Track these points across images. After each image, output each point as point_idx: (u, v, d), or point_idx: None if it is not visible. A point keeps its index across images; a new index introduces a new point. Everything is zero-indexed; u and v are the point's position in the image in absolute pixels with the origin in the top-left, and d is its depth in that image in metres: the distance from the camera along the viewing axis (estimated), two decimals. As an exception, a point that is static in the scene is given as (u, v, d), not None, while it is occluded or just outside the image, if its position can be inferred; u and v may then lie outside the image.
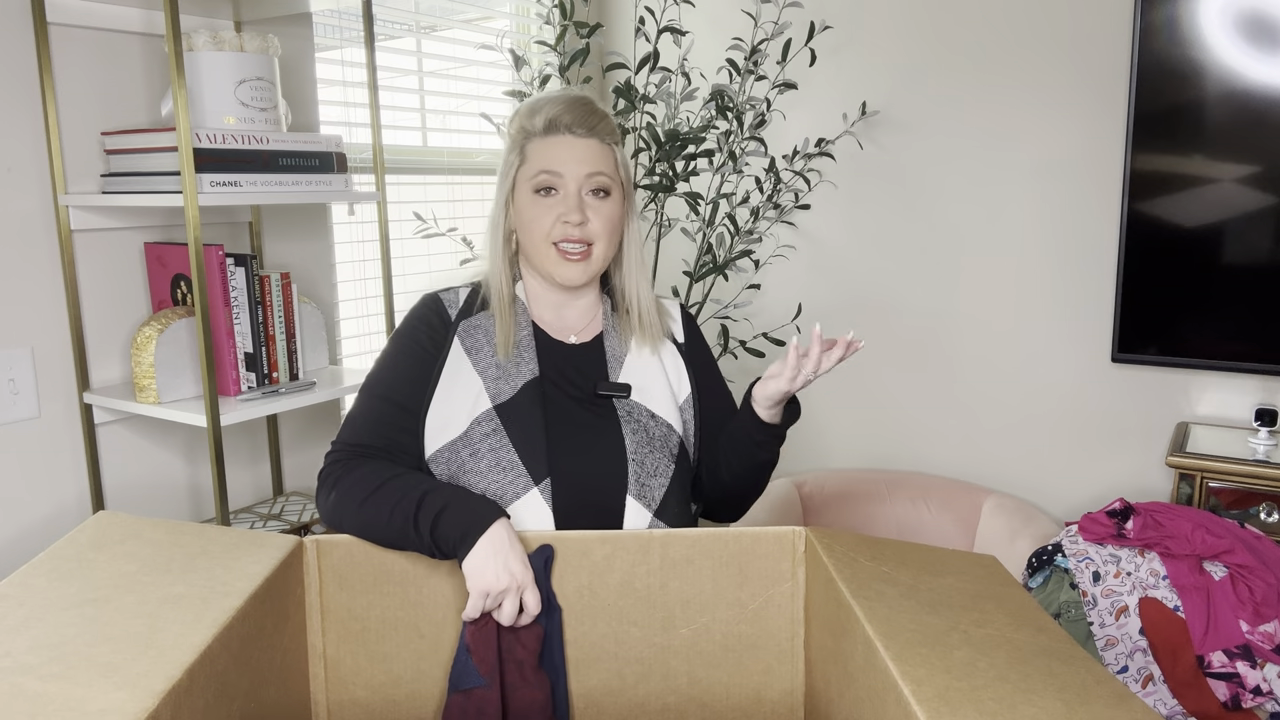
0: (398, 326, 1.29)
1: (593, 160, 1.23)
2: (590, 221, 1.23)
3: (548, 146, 1.24)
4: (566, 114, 1.23)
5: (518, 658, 1.05)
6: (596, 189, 1.24)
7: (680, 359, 1.33)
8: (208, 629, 0.83)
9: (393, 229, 2.36)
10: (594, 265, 1.25)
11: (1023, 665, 0.81)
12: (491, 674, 1.04)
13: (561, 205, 1.22)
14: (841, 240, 2.70)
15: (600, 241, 1.24)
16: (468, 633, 1.05)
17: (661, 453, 1.23)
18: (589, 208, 1.23)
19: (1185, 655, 1.80)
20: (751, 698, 1.12)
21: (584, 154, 1.23)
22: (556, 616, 1.08)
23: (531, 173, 1.24)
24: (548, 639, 1.07)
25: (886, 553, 1.06)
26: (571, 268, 1.24)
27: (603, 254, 1.25)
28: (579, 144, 1.23)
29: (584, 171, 1.23)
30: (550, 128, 1.24)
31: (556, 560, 1.08)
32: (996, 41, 2.41)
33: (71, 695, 0.71)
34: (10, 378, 1.64)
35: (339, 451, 1.19)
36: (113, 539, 0.99)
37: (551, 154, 1.23)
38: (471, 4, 2.62)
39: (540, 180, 1.23)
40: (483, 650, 1.04)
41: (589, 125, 1.24)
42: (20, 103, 1.63)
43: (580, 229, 1.22)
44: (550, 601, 1.07)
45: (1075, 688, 0.78)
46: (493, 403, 1.20)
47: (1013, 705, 0.74)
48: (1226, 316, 2.15)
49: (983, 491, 2.45)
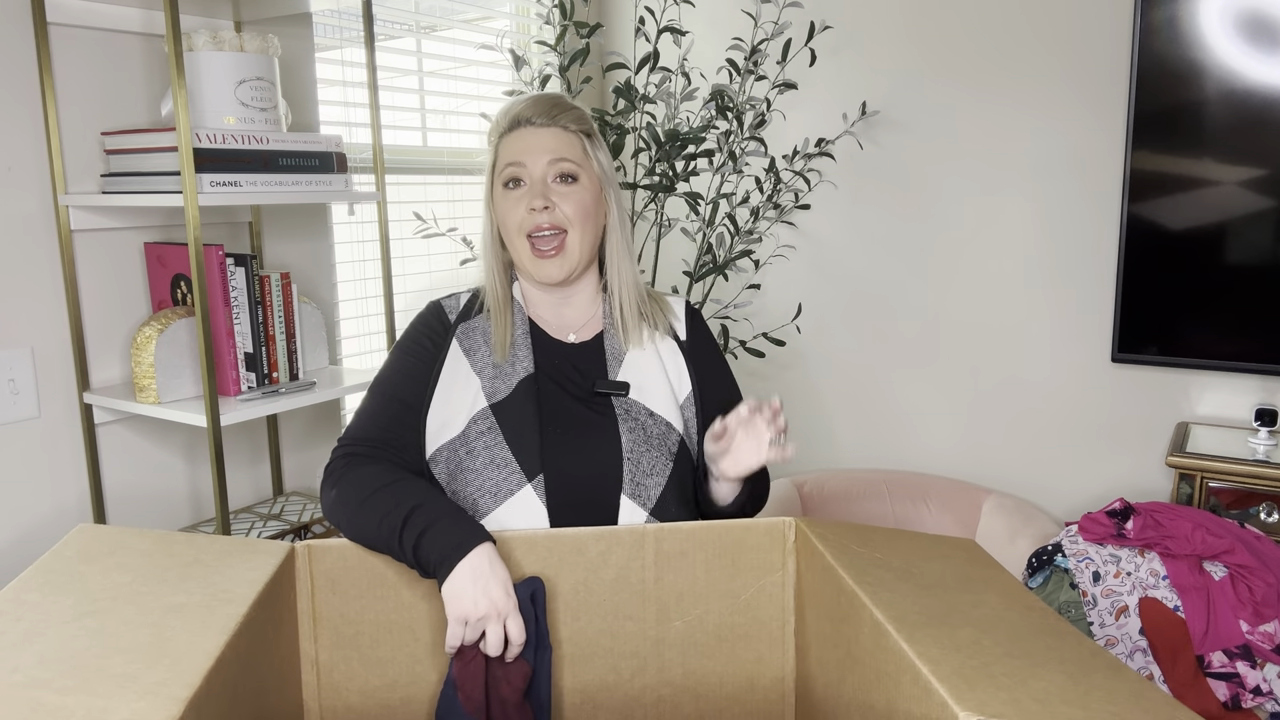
0: (401, 333, 1.32)
1: (554, 147, 1.25)
2: (557, 207, 1.24)
3: (512, 140, 1.26)
4: (529, 109, 1.26)
5: (502, 695, 1.03)
6: (561, 174, 1.25)
7: (681, 356, 1.33)
8: (218, 636, 0.83)
9: (393, 229, 2.37)
10: (570, 258, 1.25)
11: (1023, 642, 0.84)
12: (478, 711, 1.02)
13: (528, 195, 1.24)
14: (841, 240, 2.70)
15: (573, 229, 1.24)
16: (455, 668, 1.03)
17: (659, 451, 1.23)
18: (554, 193, 1.24)
19: (1185, 655, 1.80)
20: (744, 686, 1.13)
21: (545, 142, 1.25)
22: (546, 656, 1.05)
23: (500, 167, 1.27)
24: (535, 677, 1.05)
25: (875, 540, 1.07)
26: (547, 264, 1.25)
27: (578, 243, 1.25)
28: (540, 133, 1.25)
29: (546, 159, 1.24)
30: (513, 123, 1.27)
31: (551, 557, 1.08)
32: (997, 42, 2.41)
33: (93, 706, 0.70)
34: (10, 378, 1.65)
35: (345, 447, 1.19)
36: (100, 551, 0.98)
37: (514, 146, 1.26)
38: (471, 4, 2.63)
39: (507, 173, 1.25)
40: (469, 687, 1.02)
41: (550, 115, 1.26)
42: (20, 103, 1.63)
43: (548, 214, 1.23)
44: (543, 639, 1.05)
45: (1075, 660, 0.81)
46: (488, 401, 1.21)
47: (1023, 680, 0.77)
48: (1226, 316, 2.14)
49: (983, 491, 2.45)
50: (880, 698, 0.87)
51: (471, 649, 1.03)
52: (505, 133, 1.27)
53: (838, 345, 2.75)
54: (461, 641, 1.02)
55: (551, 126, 1.26)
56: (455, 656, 1.03)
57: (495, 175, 1.28)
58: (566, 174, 1.25)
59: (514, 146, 1.26)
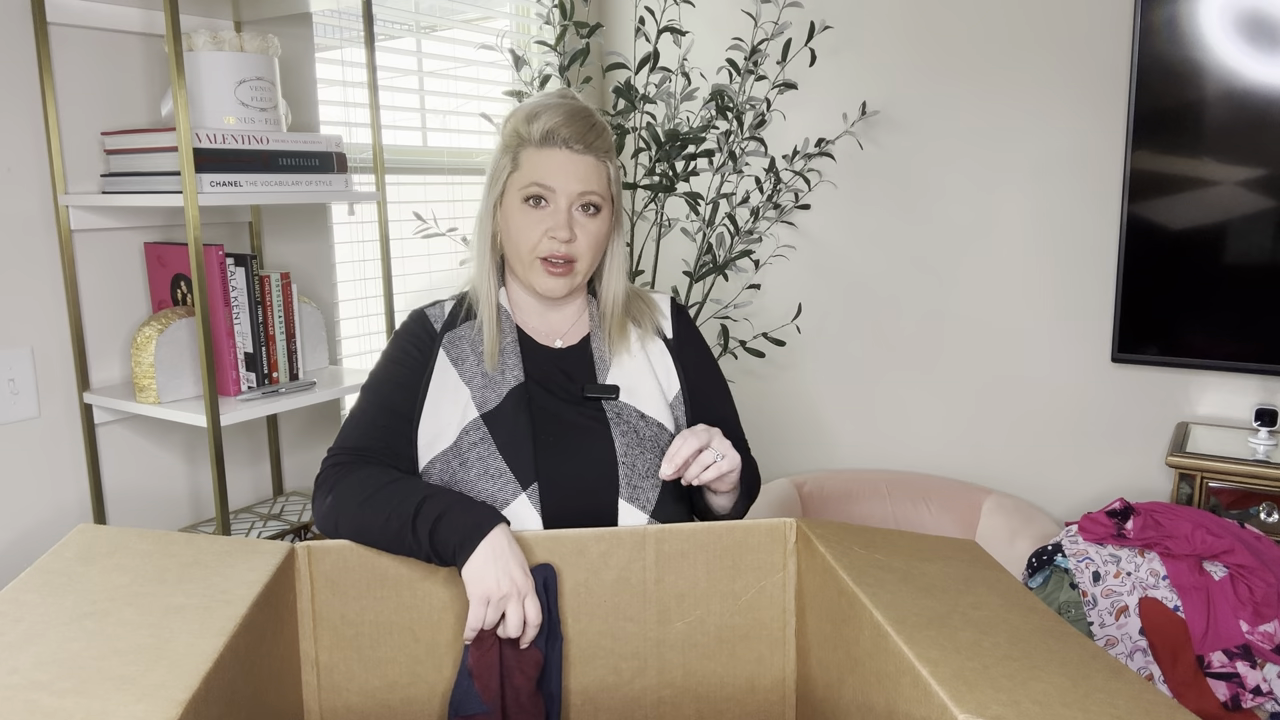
0: (387, 343, 1.30)
1: (586, 178, 1.22)
2: (577, 239, 1.22)
3: (543, 158, 1.22)
4: (565, 127, 1.21)
5: (515, 683, 1.03)
6: (586, 205, 1.23)
7: (669, 355, 1.32)
8: (216, 637, 0.82)
9: (393, 229, 2.37)
10: (576, 279, 1.25)
11: (1023, 644, 0.84)
12: (494, 700, 1.02)
13: (550, 220, 1.21)
14: (841, 240, 2.70)
15: (583, 259, 1.24)
16: (470, 657, 1.04)
17: (653, 453, 1.23)
18: (577, 224, 1.22)
19: (1185, 655, 1.80)
20: (745, 687, 1.13)
21: (579, 171, 1.21)
22: (558, 646, 1.06)
23: (523, 182, 1.22)
24: (547, 666, 1.05)
25: (876, 541, 1.07)
26: (554, 281, 1.23)
27: (585, 269, 1.25)
28: (575, 160, 1.21)
29: (577, 189, 1.21)
30: (547, 139, 1.21)
31: (553, 558, 1.07)
32: (996, 41, 2.41)
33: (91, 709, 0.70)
34: (10, 378, 1.65)
35: (337, 455, 1.19)
36: (100, 552, 0.98)
37: (545, 167, 1.21)
38: (471, 4, 2.63)
39: (531, 191, 1.21)
40: (485, 676, 1.03)
41: (586, 141, 1.22)
42: (20, 103, 1.63)
43: (566, 246, 1.22)
44: (554, 629, 1.06)
45: (1075, 663, 0.81)
46: (479, 411, 1.20)
47: (1024, 682, 0.77)
48: (1226, 316, 2.14)
49: (983, 491, 2.45)
50: (880, 699, 0.87)
51: (489, 636, 1.03)
52: (535, 145, 1.22)
53: (837, 345, 2.75)
54: (483, 624, 1.02)
55: (587, 154, 1.22)
56: (472, 645, 1.04)
57: (513, 184, 1.24)
58: (591, 205, 1.23)
59: (545, 167, 1.21)
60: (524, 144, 1.23)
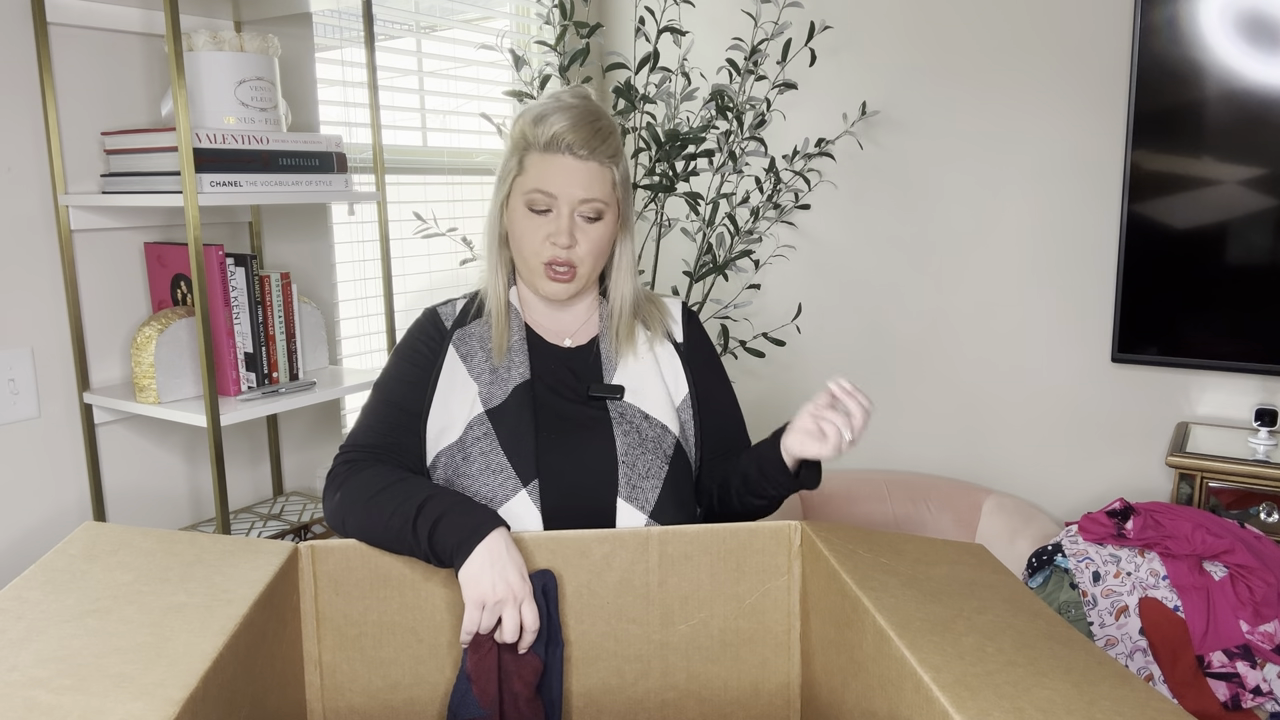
0: (399, 340, 1.31)
1: (589, 185, 1.21)
2: (578, 245, 1.22)
3: (546, 164, 1.21)
4: (570, 132, 1.20)
5: (514, 689, 1.03)
6: (589, 213, 1.23)
7: (678, 359, 1.32)
8: (216, 637, 0.82)
9: (393, 229, 2.37)
10: (579, 283, 1.25)
11: (1028, 649, 0.83)
12: (492, 705, 1.02)
13: (552, 226, 1.21)
14: (841, 240, 2.70)
15: (585, 264, 1.24)
16: (469, 661, 1.04)
17: (655, 454, 1.23)
18: (579, 230, 1.22)
19: (1185, 655, 1.80)
20: (749, 690, 1.12)
21: (581, 178, 1.21)
22: (558, 651, 1.06)
23: (527, 187, 1.22)
24: (547, 672, 1.05)
25: (881, 544, 1.07)
26: (557, 286, 1.24)
27: (588, 274, 1.25)
28: (578, 167, 1.20)
29: (579, 196, 1.21)
30: (552, 144, 1.20)
31: (555, 559, 1.07)
32: (997, 41, 2.41)
33: (88, 707, 0.70)
34: (10, 378, 1.64)
35: (348, 453, 1.20)
36: (104, 550, 0.98)
37: (548, 173, 1.21)
38: (471, 4, 2.62)
39: (534, 198, 1.21)
40: (483, 681, 1.03)
41: (591, 147, 1.21)
42: (20, 103, 1.63)
43: (567, 252, 1.22)
44: (554, 635, 1.05)
45: (1080, 669, 0.80)
46: (485, 407, 1.21)
47: (1027, 688, 0.76)
48: (1226, 316, 2.15)
49: (983, 491, 2.45)
50: (882, 705, 0.87)
51: (487, 640, 1.03)
52: (540, 150, 1.21)
53: (838, 345, 2.75)
54: (478, 628, 1.02)
55: (591, 160, 1.21)
56: (470, 649, 1.04)
57: (518, 188, 1.24)
58: (595, 213, 1.23)
59: (548, 173, 1.21)
60: (530, 147, 1.23)
